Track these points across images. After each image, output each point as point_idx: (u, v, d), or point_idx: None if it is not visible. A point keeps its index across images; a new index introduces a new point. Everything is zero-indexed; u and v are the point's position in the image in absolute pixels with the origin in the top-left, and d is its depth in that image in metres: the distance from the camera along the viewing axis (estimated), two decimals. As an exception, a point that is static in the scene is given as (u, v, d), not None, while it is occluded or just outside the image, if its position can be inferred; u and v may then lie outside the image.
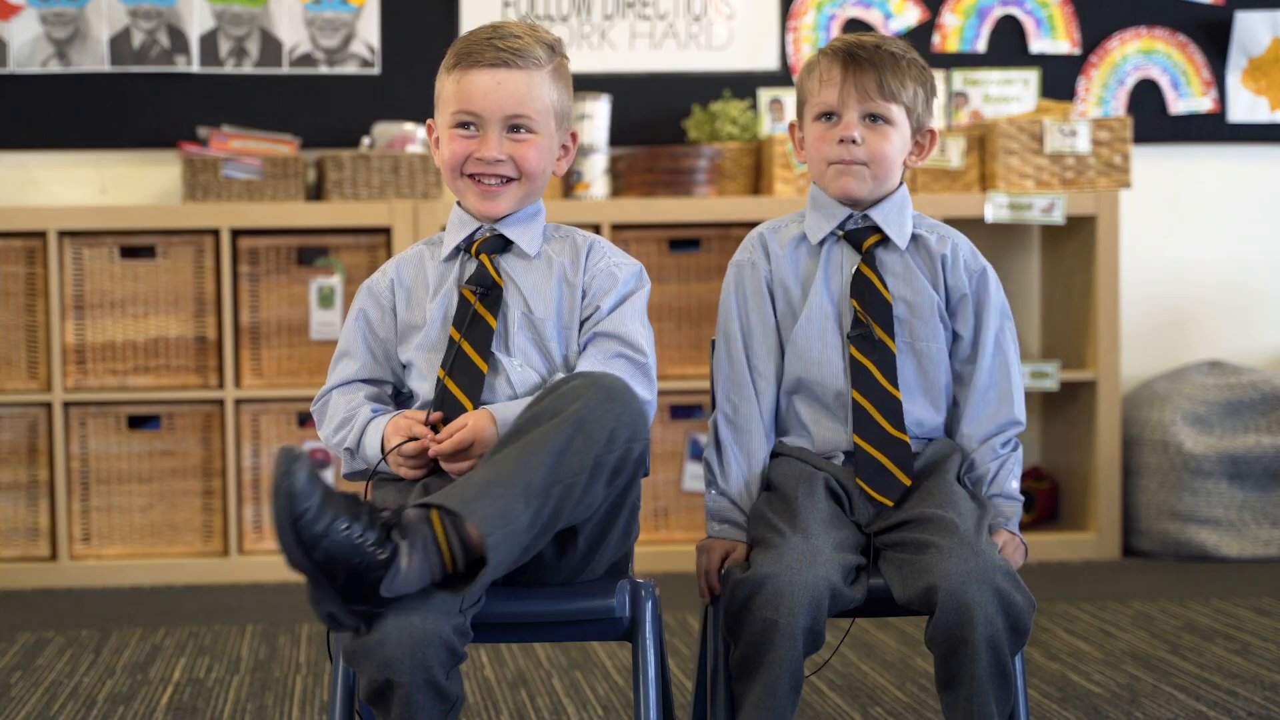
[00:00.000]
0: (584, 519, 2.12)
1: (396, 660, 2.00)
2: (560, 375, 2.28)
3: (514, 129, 2.32)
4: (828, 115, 2.40)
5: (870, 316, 2.38)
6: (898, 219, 2.43)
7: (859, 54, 2.38)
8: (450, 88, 2.32)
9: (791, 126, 2.50)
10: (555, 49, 2.35)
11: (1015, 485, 2.39)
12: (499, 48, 2.30)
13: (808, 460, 2.38)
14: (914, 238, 2.43)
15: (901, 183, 2.46)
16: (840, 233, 2.43)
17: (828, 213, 2.44)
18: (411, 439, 2.23)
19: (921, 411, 2.39)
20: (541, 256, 2.36)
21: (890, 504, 2.32)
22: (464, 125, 2.32)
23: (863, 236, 2.42)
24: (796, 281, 2.44)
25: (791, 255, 2.45)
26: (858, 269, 2.40)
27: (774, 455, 2.43)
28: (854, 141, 2.37)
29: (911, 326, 2.40)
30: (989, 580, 2.16)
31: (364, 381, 2.37)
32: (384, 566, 1.95)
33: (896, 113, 2.39)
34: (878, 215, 2.42)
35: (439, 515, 2.00)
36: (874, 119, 2.38)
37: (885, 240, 2.42)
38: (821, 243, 2.43)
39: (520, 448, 2.04)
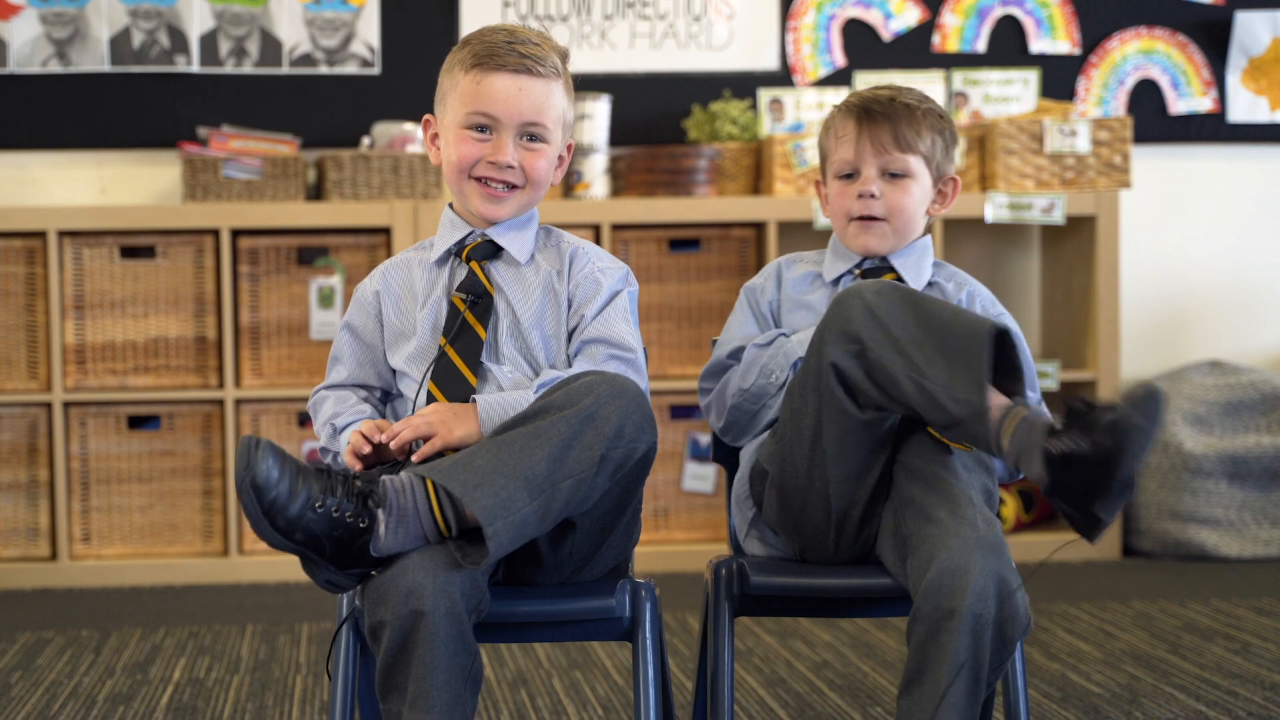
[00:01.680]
0: (583, 511, 2.12)
1: (419, 586, 1.98)
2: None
3: (527, 136, 2.31)
4: (848, 174, 2.44)
5: None
6: (916, 266, 2.47)
7: (873, 108, 2.41)
8: (468, 87, 2.29)
9: (816, 185, 2.53)
10: (566, 59, 2.35)
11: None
12: (521, 54, 2.28)
13: None
14: (930, 283, 2.47)
15: (927, 231, 2.49)
16: (857, 271, 2.46)
17: (846, 256, 2.48)
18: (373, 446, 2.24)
19: None
20: (531, 264, 2.36)
21: None
22: (478, 127, 2.30)
23: (878, 274, 2.45)
24: (805, 313, 2.46)
25: (803, 287, 2.48)
26: None
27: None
28: (872, 196, 2.40)
29: None
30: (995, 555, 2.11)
31: (353, 387, 2.39)
32: (367, 533, 1.99)
33: (915, 164, 2.42)
34: (897, 260, 2.46)
35: (434, 487, 2.01)
36: (893, 175, 2.41)
37: (900, 279, 2.45)
38: (837, 280, 2.47)
39: (527, 434, 2.04)
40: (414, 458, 2.18)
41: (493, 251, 2.35)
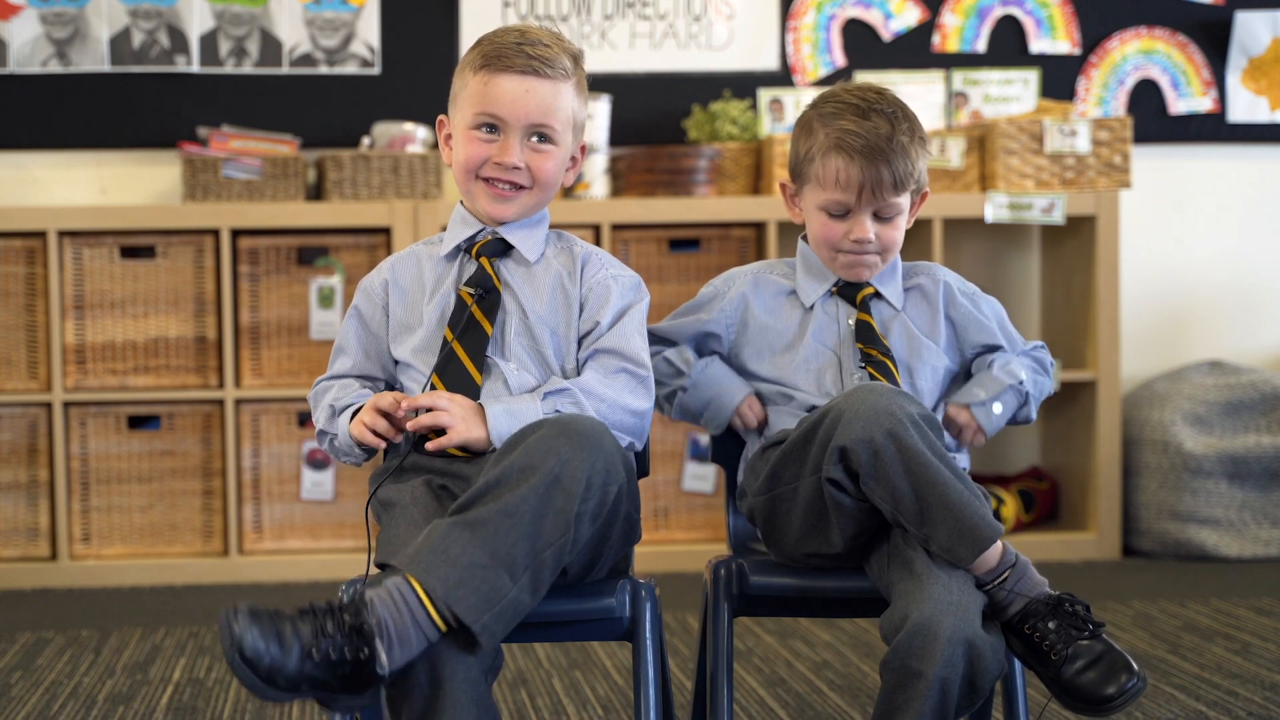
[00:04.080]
0: (571, 558, 2.12)
1: (435, 656, 1.99)
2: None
3: (535, 138, 2.31)
4: (838, 212, 2.40)
5: (880, 353, 2.41)
6: (891, 281, 2.47)
7: (873, 152, 2.34)
8: (476, 88, 2.30)
9: (783, 187, 2.50)
10: (578, 61, 2.35)
11: (1023, 374, 2.40)
12: (530, 55, 2.28)
13: None
14: (907, 289, 2.47)
15: None
16: (834, 289, 2.46)
17: (822, 275, 2.47)
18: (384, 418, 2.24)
19: None
20: (541, 264, 2.36)
21: None
22: (485, 128, 2.30)
23: (856, 290, 2.45)
24: (782, 325, 2.45)
25: (774, 305, 2.47)
26: (857, 320, 2.43)
27: None
28: (869, 240, 2.39)
29: (910, 366, 2.43)
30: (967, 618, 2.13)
31: (357, 377, 2.38)
32: (371, 660, 1.94)
33: (905, 200, 2.40)
34: (875, 281, 2.46)
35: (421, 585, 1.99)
36: (887, 218, 2.39)
37: (877, 293, 2.46)
38: (812, 306, 2.46)
39: (498, 514, 2.01)
40: (427, 446, 2.19)
41: (503, 249, 2.35)
